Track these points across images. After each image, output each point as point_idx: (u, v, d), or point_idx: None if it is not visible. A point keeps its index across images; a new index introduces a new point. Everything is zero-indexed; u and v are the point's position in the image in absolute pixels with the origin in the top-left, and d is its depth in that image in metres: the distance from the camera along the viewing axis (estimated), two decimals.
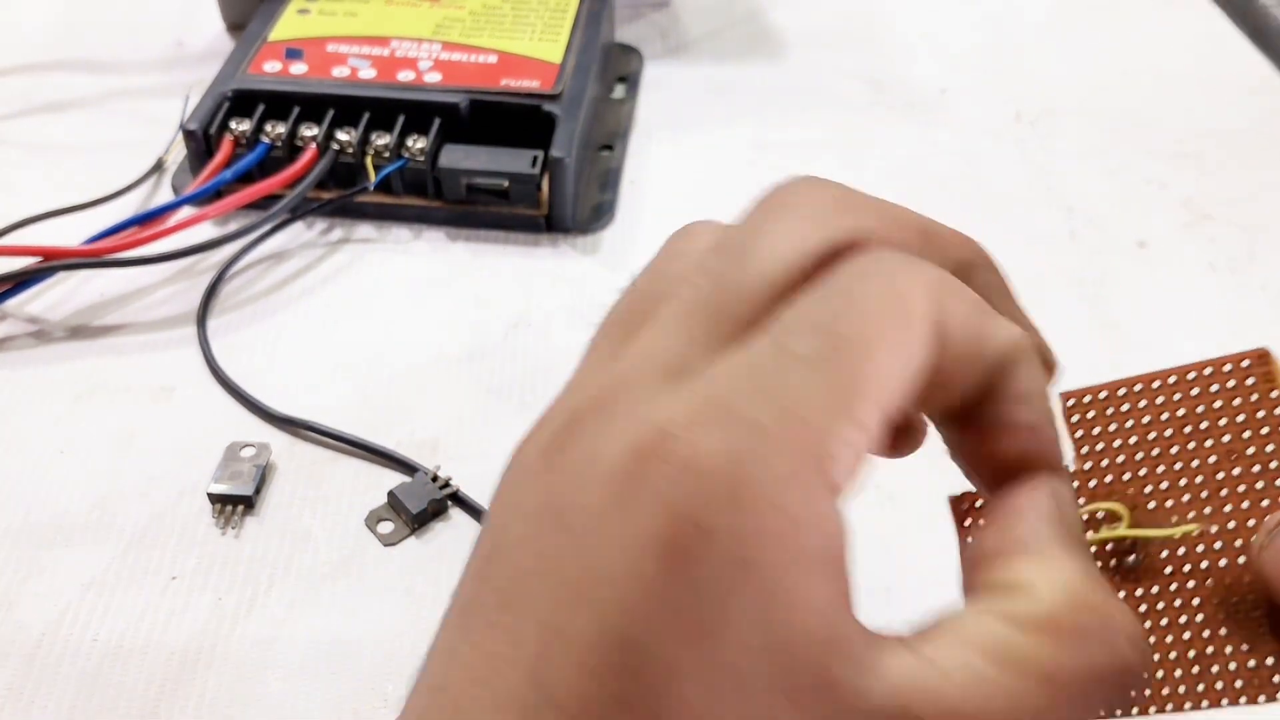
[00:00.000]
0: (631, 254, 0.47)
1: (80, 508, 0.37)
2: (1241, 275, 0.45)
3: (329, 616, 0.34)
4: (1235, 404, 0.23)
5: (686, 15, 0.61)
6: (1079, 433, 0.24)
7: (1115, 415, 0.24)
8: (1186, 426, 0.23)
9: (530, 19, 0.52)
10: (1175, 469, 0.23)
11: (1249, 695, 0.22)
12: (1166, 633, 0.23)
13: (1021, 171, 0.50)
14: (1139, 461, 0.24)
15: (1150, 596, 0.23)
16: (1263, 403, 0.23)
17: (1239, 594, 0.23)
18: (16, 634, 0.33)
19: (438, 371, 0.42)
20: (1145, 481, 0.24)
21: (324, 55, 0.49)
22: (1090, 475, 0.24)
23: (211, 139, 0.46)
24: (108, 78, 0.56)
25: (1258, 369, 0.23)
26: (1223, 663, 0.23)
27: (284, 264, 0.46)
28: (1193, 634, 0.23)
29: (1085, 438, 0.24)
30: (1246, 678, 0.22)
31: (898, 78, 0.56)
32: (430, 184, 0.47)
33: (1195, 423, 0.23)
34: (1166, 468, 0.24)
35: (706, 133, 0.53)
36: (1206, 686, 0.23)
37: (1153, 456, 0.24)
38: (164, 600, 0.34)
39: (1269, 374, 0.22)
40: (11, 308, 0.43)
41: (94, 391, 0.41)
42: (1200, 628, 0.23)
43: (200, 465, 0.38)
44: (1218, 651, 0.23)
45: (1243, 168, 0.50)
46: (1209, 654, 0.23)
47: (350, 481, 0.38)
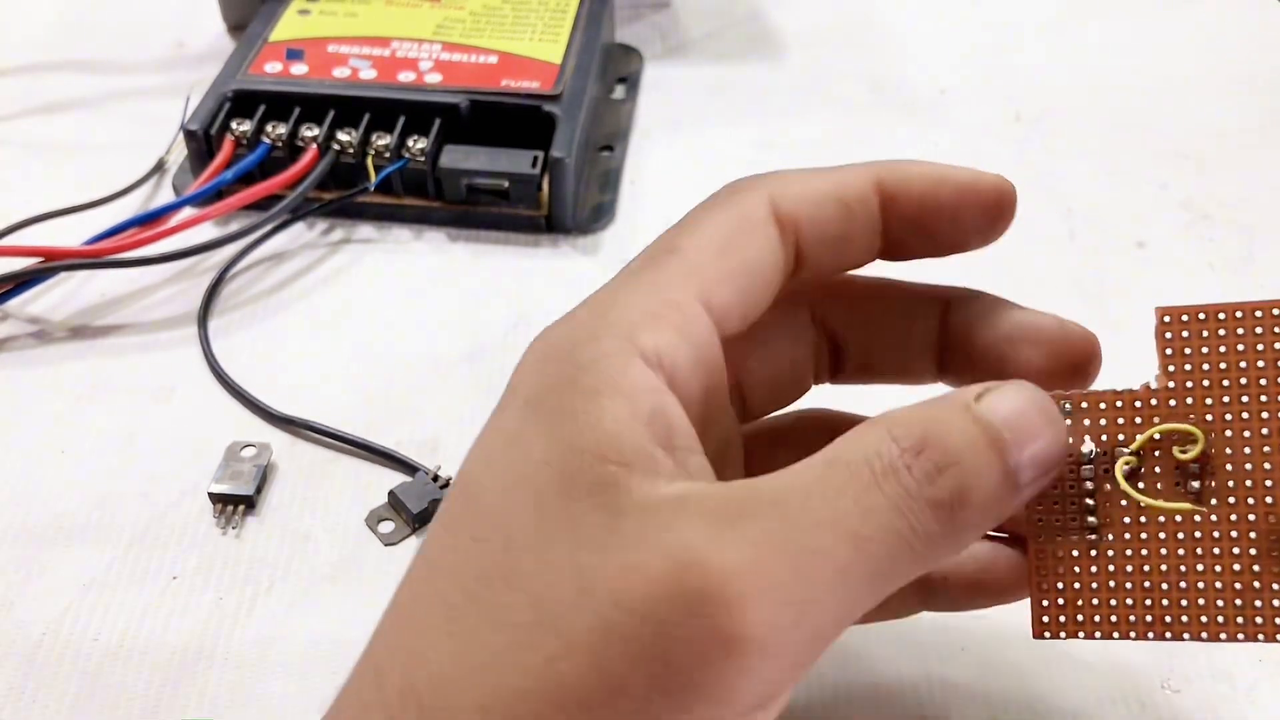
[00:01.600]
0: (631, 254, 0.46)
1: (81, 507, 0.37)
2: (1241, 275, 0.45)
3: (330, 616, 0.34)
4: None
5: (686, 16, 0.61)
6: (1169, 350, 0.24)
7: (1210, 339, 0.24)
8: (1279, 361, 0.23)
9: (530, 19, 0.52)
10: (1260, 401, 0.23)
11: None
12: (1217, 561, 0.23)
13: (1021, 172, 0.50)
14: (1224, 389, 0.24)
15: (1209, 524, 0.24)
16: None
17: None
18: (17, 634, 0.33)
19: (438, 371, 0.42)
20: (1226, 409, 0.24)
21: (325, 56, 0.49)
22: (1173, 394, 0.24)
23: (212, 139, 0.47)
24: (108, 78, 0.56)
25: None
26: (1267, 598, 0.23)
27: (285, 264, 0.46)
28: (1243, 566, 0.23)
29: (1175, 356, 0.24)
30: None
31: (897, 78, 0.56)
32: (431, 184, 0.47)
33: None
34: (1251, 399, 0.23)
35: (706, 133, 0.53)
36: (1247, 620, 0.23)
37: (1240, 385, 0.24)
38: (164, 600, 0.34)
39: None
40: (12, 308, 0.43)
41: (95, 391, 0.41)
42: (1251, 561, 0.23)
43: (201, 465, 0.38)
44: (1265, 587, 0.23)
45: (1242, 168, 0.51)
46: (1256, 588, 0.23)
47: (351, 481, 0.38)
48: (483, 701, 0.20)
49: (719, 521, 0.20)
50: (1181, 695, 0.32)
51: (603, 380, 0.21)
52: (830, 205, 0.25)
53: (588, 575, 0.20)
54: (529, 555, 0.20)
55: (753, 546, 0.19)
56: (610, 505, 0.20)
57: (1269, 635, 0.23)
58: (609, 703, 0.19)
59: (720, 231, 0.24)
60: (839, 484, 0.20)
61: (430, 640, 0.21)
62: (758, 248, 0.24)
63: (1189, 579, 0.24)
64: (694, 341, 0.23)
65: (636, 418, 0.21)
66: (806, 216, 0.25)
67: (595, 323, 0.23)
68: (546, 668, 0.19)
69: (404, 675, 0.21)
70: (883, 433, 0.21)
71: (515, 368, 0.24)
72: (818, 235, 0.25)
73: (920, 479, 0.20)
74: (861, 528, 0.20)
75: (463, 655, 0.20)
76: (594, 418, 0.21)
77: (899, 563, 0.20)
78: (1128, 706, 0.32)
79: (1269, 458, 0.23)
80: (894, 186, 0.25)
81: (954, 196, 0.25)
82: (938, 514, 0.20)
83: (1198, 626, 0.24)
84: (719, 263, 0.24)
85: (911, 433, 0.21)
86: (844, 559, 0.19)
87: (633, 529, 0.20)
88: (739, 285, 0.24)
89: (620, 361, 0.22)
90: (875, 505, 0.20)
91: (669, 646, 0.19)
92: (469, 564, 0.21)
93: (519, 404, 0.22)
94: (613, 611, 0.19)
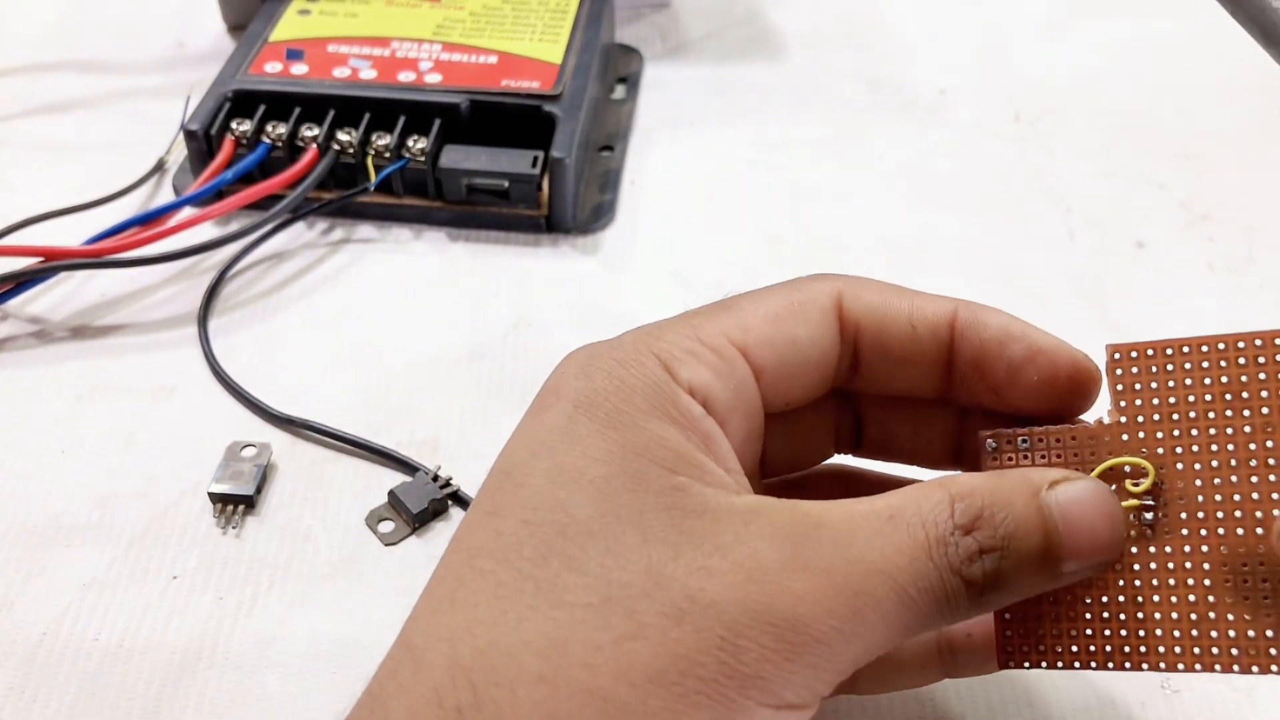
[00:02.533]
0: (631, 254, 0.47)
1: (81, 507, 0.37)
2: (1240, 275, 0.45)
3: (330, 616, 0.34)
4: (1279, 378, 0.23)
5: (686, 16, 0.61)
6: (1120, 385, 0.25)
7: (1159, 374, 0.24)
8: (1227, 394, 0.24)
9: (530, 20, 0.52)
10: (1209, 434, 0.24)
11: (1242, 664, 0.23)
12: (1173, 593, 0.24)
13: (1020, 172, 0.51)
14: (1175, 422, 0.24)
15: (1163, 555, 0.24)
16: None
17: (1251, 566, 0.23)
18: (17, 634, 0.33)
19: (438, 371, 0.42)
20: (1177, 442, 0.24)
21: (325, 56, 0.49)
22: (1124, 429, 0.25)
23: (212, 139, 0.47)
24: (108, 78, 0.56)
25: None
26: (1223, 629, 0.23)
27: (285, 264, 0.46)
28: (1198, 597, 0.23)
29: (1126, 391, 0.25)
30: (1243, 647, 0.23)
31: (897, 78, 0.56)
32: (431, 184, 0.47)
33: (1236, 391, 0.23)
34: (1200, 432, 0.24)
35: (706, 133, 0.53)
36: (1203, 650, 0.23)
37: (1189, 419, 0.24)
38: (165, 600, 0.34)
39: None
40: (13, 308, 0.43)
41: (95, 391, 0.41)
42: (1206, 592, 0.23)
43: (201, 465, 0.38)
44: (1220, 618, 0.23)
45: (1242, 168, 0.51)
46: (1211, 619, 0.23)
47: (351, 481, 0.38)
48: (543, 673, 0.20)
49: (790, 545, 0.21)
50: (1181, 695, 0.32)
51: (656, 403, 0.23)
52: (898, 322, 0.26)
53: (658, 568, 0.21)
54: (592, 542, 0.21)
55: (817, 577, 0.21)
56: (681, 506, 0.22)
57: (1225, 666, 0.23)
58: (679, 681, 0.20)
59: (779, 303, 0.25)
60: (898, 542, 0.22)
61: (478, 616, 0.21)
62: (810, 328, 0.25)
63: (1146, 610, 0.24)
64: (730, 385, 0.24)
65: (692, 440, 0.23)
66: (871, 323, 0.26)
67: (639, 350, 0.24)
68: (616, 646, 0.20)
69: (449, 653, 0.21)
70: (944, 497, 0.22)
71: (552, 374, 0.25)
72: (879, 347, 0.26)
73: (964, 557, 0.22)
74: (909, 587, 0.22)
75: (518, 630, 0.21)
76: (657, 432, 0.23)
77: (932, 619, 0.22)
78: (1128, 706, 0.32)
79: (1219, 489, 0.23)
80: (966, 325, 0.26)
81: (1023, 355, 0.25)
82: (970, 590, 0.22)
83: (1156, 657, 0.24)
84: (766, 327, 0.25)
85: (971, 506, 0.22)
86: (890, 608, 0.21)
87: (706, 532, 0.22)
88: (781, 355, 0.25)
89: (669, 390, 0.23)
90: (924, 571, 0.22)
91: (739, 644, 0.21)
92: (520, 545, 0.22)
93: (565, 406, 0.23)
94: (687, 604, 0.21)
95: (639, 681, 0.20)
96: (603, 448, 0.23)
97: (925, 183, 0.50)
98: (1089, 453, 0.25)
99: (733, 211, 0.49)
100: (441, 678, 0.21)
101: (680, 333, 0.25)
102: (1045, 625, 0.25)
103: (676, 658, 0.20)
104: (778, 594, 0.21)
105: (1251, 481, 0.23)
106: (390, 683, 0.22)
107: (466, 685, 0.21)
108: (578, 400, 0.23)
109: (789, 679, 0.21)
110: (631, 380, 0.23)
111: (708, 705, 0.20)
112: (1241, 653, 0.23)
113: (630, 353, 0.24)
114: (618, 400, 0.23)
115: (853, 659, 0.22)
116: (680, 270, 0.46)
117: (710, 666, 0.20)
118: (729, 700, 0.20)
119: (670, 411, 0.23)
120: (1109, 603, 0.24)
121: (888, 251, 0.46)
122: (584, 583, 0.21)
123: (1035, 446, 0.25)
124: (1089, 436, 0.25)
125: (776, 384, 0.25)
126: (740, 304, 0.25)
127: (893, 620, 0.22)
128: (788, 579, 0.21)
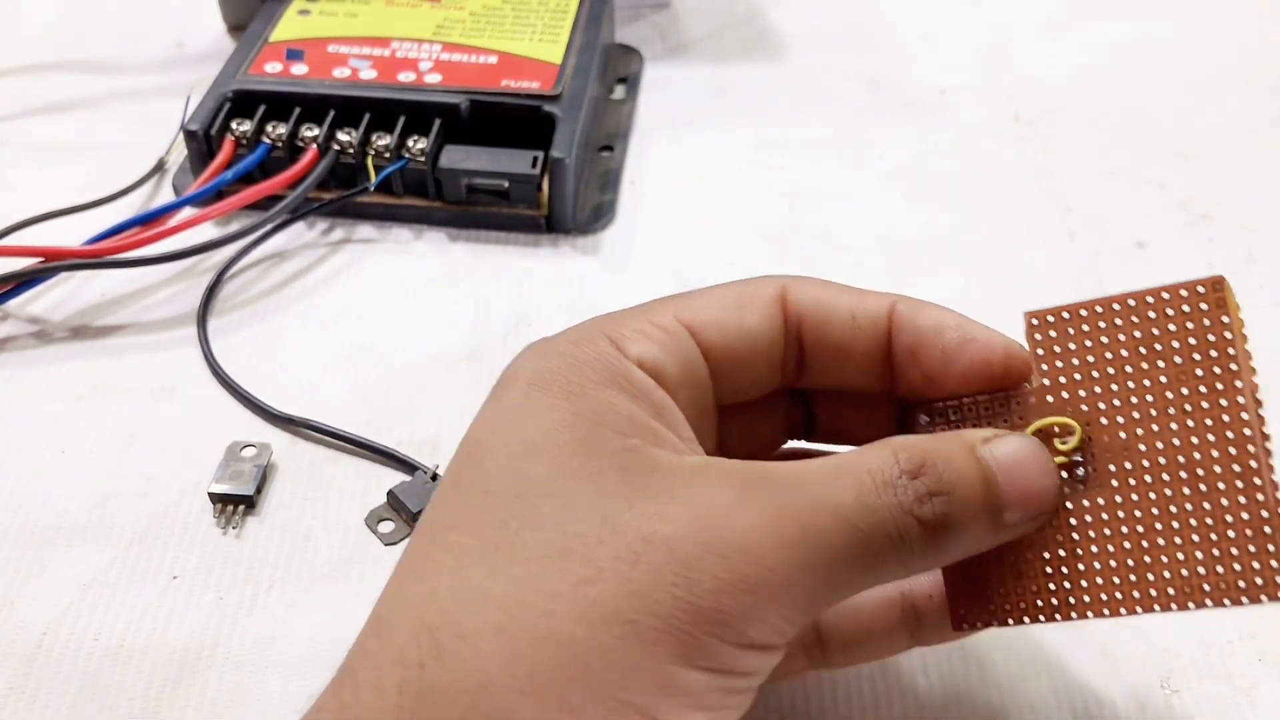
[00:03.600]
0: (631, 254, 0.47)
1: (81, 507, 0.37)
2: (1240, 276, 0.45)
3: (330, 616, 0.34)
4: (1189, 328, 0.24)
5: (686, 16, 0.61)
6: (1041, 350, 0.26)
7: (1076, 335, 0.26)
8: (1142, 348, 0.25)
9: (530, 20, 0.52)
10: (1129, 387, 0.25)
11: (1179, 602, 0.24)
12: (1109, 542, 0.25)
13: (1020, 172, 0.51)
14: (1096, 379, 0.25)
15: (1097, 507, 0.25)
16: (1214, 328, 0.24)
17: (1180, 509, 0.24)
18: (17, 634, 0.33)
19: (438, 371, 0.42)
20: (1101, 399, 0.25)
21: (325, 56, 0.49)
22: (1049, 391, 0.26)
23: (212, 139, 0.47)
24: (108, 78, 0.56)
25: (1212, 295, 0.24)
26: (1158, 571, 0.24)
27: (285, 264, 0.46)
28: (1133, 544, 0.25)
29: (1047, 355, 0.26)
30: (1179, 585, 0.24)
31: (897, 78, 0.56)
32: (431, 184, 0.47)
33: (1150, 344, 0.25)
34: (1121, 387, 0.25)
35: (706, 133, 0.53)
36: (1143, 594, 0.24)
37: (1109, 375, 0.25)
38: (165, 600, 0.34)
39: (1222, 300, 0.24)
40: (13, 308, 0.43)
41: (95, 391, 0.41)
42: (1140, 538, 0.25)
43: (201, 465, 0.38)
44: (1155, 561, 0.24)
45: (1242, 168, 0.51)
46: (1147, 563, 0.24)
47: (351, 481, 0.38)
48: (502, 622, 0.21)
49: (740, 487, 0.22)
50: (1181, 695, 0.32)
51: (607, 375, 0.24)
52: (839, 314, 0.27)
53: (614, 518, 0.22)
54: (549, 502, 0.22)
55: (769, 511, 0.22)
56: (634, 465, 0.23)
57: (1164, 605, 0.24)
58: (636, 619, 0.21)
59: (726, 293, 0.27)
60: (844, 484, 0.23)
61: (441, 582, 0.22)
62: (756, 316, 0.26)
63: (1086, 561, 0.25)
64: (680, 361, 0.25)
65: (644, 409, 0.23)
66: (813, 315, 0.27)
67: (590, 332, 0.25)
68: (574, 591, 0.21)
69: (412, 615, 0.22)
70: (888, 452, 0.23)
71: (509, 363, 0.26)
72: (821, 339, 0.27)
73: (912, 497, 0.23)
74: (858, 521, 0.22)
75: (479, 587, 0.21)
76: (609, 400, 0.23)
77: (885, 560, 0.23)
78: (1127, 706, 0.32)
79: (1143, 439, 0.25)
80: (903, 316, 0.26)
81: (956, 342, 0.26)
82: (922, 530, 0.23)
83: (1100, 605, 0.25)
84: (713, 311, 0.26)
85: (914, 457, 0.23)
86: (841, 542, 0.22)
87: (659, 485, 0.22)
88: (728, 337, 0.26)
89: (620, 364, 0.24)
90: (872, 506, 0.22)
91: (695, 579, 0.21)
92: (482, 514, 0.22)
93: (520, 385, 0.24)
94: (642, 546, 0.21)
95: (597, 622, 0.21)
96: (557, 418, 0.23)
97: (925, 183, 0.50)
98: (1018, 417, 0.26)
99: (733, 212, 0.49)
100: (406, 639, 0.21)
101: (630, 316, 0.26)
102: (993, 585, 0.26)
103: (633, 596, 0.21)
104: (729, 528, 0.21)
105: (1171, 429, 0.24)
106: (358, 654, 0.22)
107: (430, 642, 0.21)
108: (532, 379, 0.24)
109: (748, 613, 0.21)
110: (583, 356, 0.24)
111: (667, 641, 0.21)
112: (1178, 591, 0.24)
113: (582, 334, 0.25)
114: (570, 374, 0.24)
115: (810, 594, 0.22)
116: (680, 270, 0.46)
117: (666, 603, 0.21)
118: (690, 637, 0.21)
119: (621, 383, 0.24)
120: (1051, 558, 0.25)
121: (888, 251, 0.46)
122: (541, 538, 0.22)
123: (966, 415, 0.26)
124: (1016, 402, 0.26)
125: (724, 366, 0.26)
126: (689, 294, 0.27)
127: (845, 555, 0.22)
128: (738, 515, 0.22)
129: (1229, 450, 0.24)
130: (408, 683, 0.21)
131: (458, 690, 0.20)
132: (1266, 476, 0.23)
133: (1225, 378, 0.24)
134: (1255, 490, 0.23)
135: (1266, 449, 0.24)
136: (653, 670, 0.21)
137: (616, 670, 0.20)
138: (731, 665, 0.21)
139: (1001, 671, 0.32)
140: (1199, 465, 0.24)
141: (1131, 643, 0.33)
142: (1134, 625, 0.33)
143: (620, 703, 0.20)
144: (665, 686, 0.21)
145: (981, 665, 0.33)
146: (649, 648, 0.21)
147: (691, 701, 0.21)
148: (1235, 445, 0.24)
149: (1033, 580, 0.26)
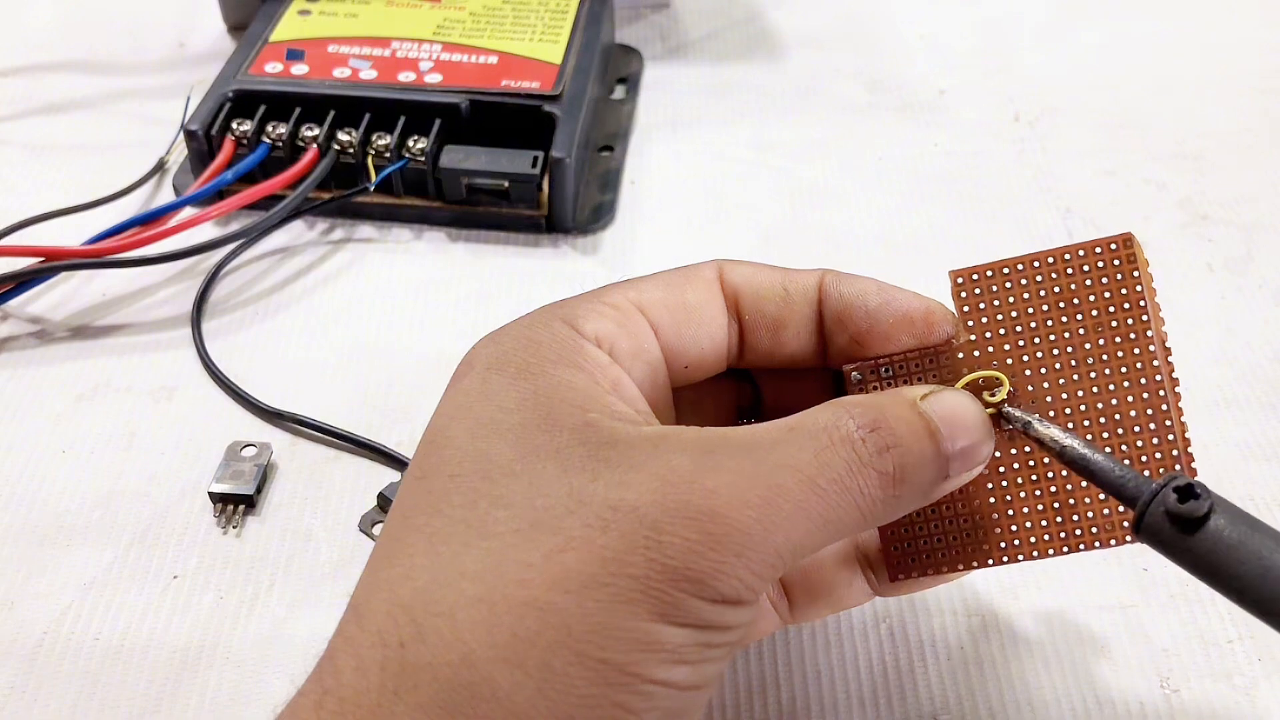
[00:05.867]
0: (631, 254, 0.47)
1: (82, 507, 0.37)
2: (1239, 275, 0.45)
3: (330, 616, 0.34)
4: (1104, 282, 0.26)
5: (686, 16, 0.61)
6: (966, 307, 0.27)
7: (1000, 292, 0.27)
8: (1061, 303, 0.27)
9: (530, 20, 0.52)
10: (1050, 340, 0.27)
11: (1102, 540, 0.26)
12: (1035, 487, 0.27)
13: (1019, 172, 0.51)
14: (1019, 334, 0.27)
15: (1024, 454, 0.27)
16: (1126, 281, 0.26)
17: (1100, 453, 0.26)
18: (18, 633, 0.33)
19: (438, 371, 0.41)
20: (1024, 351, 0.27)
21: (325, 56, 0.49)
22: (975, 346, 0.27)
23: (213, 139, 0.47)
24: (109, 78, 0.56)
25: (1124, 251, 0.26)
26: (1082, 512, 0.26)
27: (285, 264, 0.46)
28: (1058, 488, 0.27)
29: (972, 312, 0.27)
30: (1100, 524, 0.26)
31: (897, 78, 0.56)
32: (431, 184, 0.47)
33: (1069, 299, 0.26)
34: (1042, 339, 0.27)
35: (706, 133, 0.53)
36: (1068, 534, 0.26)
37: (1031, 329, 0.27)
38: (165, 599, 0.34)
39: (1132, 255, 0.26)
40: (13, 308, 0.43)
41: (95, 391, 0.41)
42: (1065, 481, 0.26)
43: (201, 465, 0.38)
44: (1078, 503, 0.26)
45: (1241, 168, 0.51)
46: (1071, 504, 0.26)
47: (351, 481, 0.38)
48: (479, 595, 0.21)
49: (700, 453, 0.23)
50: (1181, 695, 0.32)
51: (562, 354, 0.25)
52: (772, 287, 0.28)
53: (580, 490, 0.22)
54: (515, 480, 0.23)
55: (730, 473, 0.22)
56: (594, 439, 0.23)
57: (1088, 544, 0.26)
58: (611, 582, 0.21)
59: (670, 277, 0.28)
60: (801, 442, 0.23)
61: (415, 564, 0.22)
62: (698, 293, 0.27)
63: (1015, 506, 0.27)
64: (632, 337, 0.26)
65: (600, 385, 0.24)
66: (749, 290, 0.28)
67: (544, 314, 0.26)
68: (547, 560, 0.21)
69: (388, 598, 0.22)
70: (841, 411, 0.24)
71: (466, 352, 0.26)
72: (757, 312, 0.28)
73: (871, 451, 0.23)
74: (818, 477, 0.23)
75: (452, 563, 0.22)
76: (564, 378, 0.24)
77: (846, 514, 0.23)
78: (1127, 706, 0.32)
79: (1065, 388, 0.26)
80: (831, 284, 0.28)
81: (879, 303, 0.27)
82: (882, 481, 0.24)
83: (1029, 547, 0.27)
84: (659, 291, 0.27)
85: (867, 415, 0.24)
86: (802, 498, 0.23)
87: (620, 457, 0.23)
88: (675, 314, 0.27)
89: (575, 342, 0.25)
90: (830, 462, 0.23)
91: (665, 541, 0.22)
92: (449, 496, 0.23)
93: (478, 370, 0.25)
94: (610, 514, 0.22)
95: (573, 588, 0.21)
96: (516, 398, 0.24)
97: (925, 183, 0.50)
98: (947, 373, 0.27)
99: (732, 211, 0.49)
100: (384, 621, 0.22)
101: (583, 298, 0.27)
102: (927, 538, 0.27)
103: (606, 561, 0.21)
104: (693, 491, 0.22)
105: (1091, 377, 0.26)
106: (337, 640, 0.22)
107: (408, 621, 0.21)
108: (489, 363, 0.25)
109: (719, 570, 0.22)
110: (538, 337, 0.25)
111: (643, 601, 0.21)
112: (1100, 530, 0.26)
113: (536, 318, 0.26)
114: (526, 355, 0.25)
115: (777, 550, 0.22)
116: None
117: (639, 565, 0.21)
118: (664, 595, 0.21)
119: (578, 360, 0.25)
120: (980, 505, 0.27)
121: (887, 251, 0.46)
122: (511, 514, 0.22)
123: (898, 373, 0.27)
124: (945, 357, 0.27)
125: (673, 343, 0.27)
126: (637, 279, 0.28)
127: (808, 510, 0.23)
128: (701, 478, 0.22)
129: (1142, 395, 0.26)
130: (389, 661, 0.21)
131: (440, 664, 0.21)
132: (1176, 419, 0.26)
133: (1137, 328, 0.26)
134: (1166, 431, 0.26)
135: (1176, 394, 0.26)
136: (632, 629, 0.21)
137: (597, 632, 0.21)
138: (709, 620, 0.22)
139: (1002, 671, 0.32)
140: (1115, 411, 0.26)
141: (1131, 643, 0.33)
142: (1134, 625, 0.33)
143: (602, 663, 0.21)
144: (645, 643, 0.21)
145: (982, 665, 0.33)
146: (626, 607, 0.21)
147: (672, 656, 0.21)
148: (1148, 390, 0.26)
149: (960, 529, 0.27)
